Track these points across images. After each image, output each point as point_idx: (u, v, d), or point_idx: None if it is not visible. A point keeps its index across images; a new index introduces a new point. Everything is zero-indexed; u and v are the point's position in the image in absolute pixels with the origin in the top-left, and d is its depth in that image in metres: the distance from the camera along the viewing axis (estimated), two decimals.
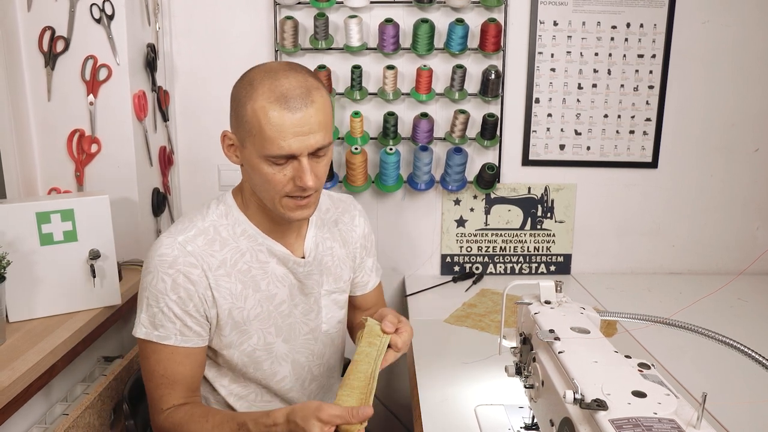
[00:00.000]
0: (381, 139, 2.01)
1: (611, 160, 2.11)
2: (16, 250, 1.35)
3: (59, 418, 1.37)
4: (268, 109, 1.03)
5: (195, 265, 1.11)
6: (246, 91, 1.06)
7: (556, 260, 2.19)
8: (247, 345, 1.18)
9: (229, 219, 1.18)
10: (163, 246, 1.11)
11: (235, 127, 1.10)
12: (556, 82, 2.04)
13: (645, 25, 2.00)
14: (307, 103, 1.04)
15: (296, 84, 1.05)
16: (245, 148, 1.09)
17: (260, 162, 1.07)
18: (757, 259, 2.19)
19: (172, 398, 1.13)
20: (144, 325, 1.11)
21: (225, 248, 1.15)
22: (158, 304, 1.10)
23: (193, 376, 1.15)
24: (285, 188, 1.08)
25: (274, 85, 1.04)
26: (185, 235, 1.13)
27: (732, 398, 1.30)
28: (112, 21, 1.66)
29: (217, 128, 2.02)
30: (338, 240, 1.32)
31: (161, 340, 1.11)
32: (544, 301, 1.09)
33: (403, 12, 1.98)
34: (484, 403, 1.25)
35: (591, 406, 0.75)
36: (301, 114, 1.03)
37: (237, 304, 1.15)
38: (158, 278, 1.10)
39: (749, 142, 2.11)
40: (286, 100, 1.03)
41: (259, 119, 1.03)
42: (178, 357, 1.12)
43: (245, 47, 1.99)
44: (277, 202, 1.10)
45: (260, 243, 1.18)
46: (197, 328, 1.13)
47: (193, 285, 1.11)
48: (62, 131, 1.69)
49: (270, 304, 1.19)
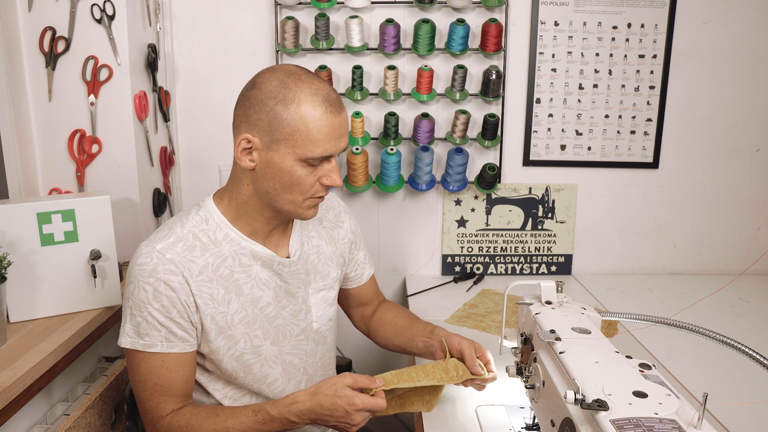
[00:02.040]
0: (382, 139, 2.01)
1: (612, 160, 2.11)
2: (17, 251, 1.35)
3: (60, 418, 1.37)
4: (317, 113, 1.06)
5: (175, 272, 1.10)
6: (282, 95, 1.06)
7: (557, 260, 2.18)
8: (234, 350, 1.18)
9: (209, 224, 1.17)
10: (142, 255, 1.11)
11: (263, 129, 1.08)
12: (557, 82, 2.04)
13: (646, 25, 2.00)
14: (342, 107, 1.11)
15: (328, 88, 1.10)
16: (274, 151, 1.08)
17: (294, 164, 1.08)
18: (758, 259, 2.18)
19: (169, 404, 1.13)
20: (129, 335, 1.11)
21: (206, 253, 1.14)
22: (141, 313, 1.10)
23: (186, 382, 1.14)
24: (312, 189, 1.12)
25: (312, 88, 1.07)
26: (164, 242, 1.12)
27: (733, 399, 1.30)
28: (112, 21, 1.66)
29: (217, 128, 2.04)
30: (324, 237, 1.33)
31: (147, 348, 1.10)
32: (545, 302, 1.09)
33: (404, 12, 1.98)
34: (485, 403, 1.25)
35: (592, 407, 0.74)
36: (341, 117, 1.10)
37: (220, 309, 1.15)
38: (139, 288, 1.09)
39: (750, 143, 2.11)
40: (331, 103, 1.08)
41: (306, 121, 1.06)
42: (169, 364, 1.12)
43: (246, 47, 2.00)
44: (299, 204, 1.13)
45: (243, 247, 1.17)
46: (182, 333, 1.12)
47: (174, 292, 1.10)
48: (63, 131, 1.69)
49: (254, 307, 1.19)
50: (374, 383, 1.08)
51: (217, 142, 2.05)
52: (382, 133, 2.01)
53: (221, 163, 2.06)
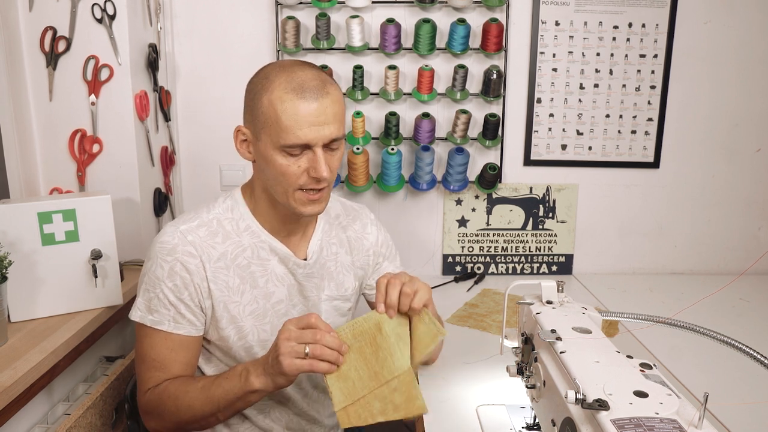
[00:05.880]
0: (383, 139, 2.01)
1: (613, 160, 2.11)
2: (17, 250, 1.35)
3: (61, 418, 1.37)
4: (285, 99, 1.04)
5: (193, 254, 1.12)
6: (261, 84, 1.08)
7: (557, 260, 2.18)
8: (244, 341, 1.18)
9: (234, 213, 1.19)
10: (165, 234, 1.14)
11: (250, 121, 1.11)
12: (557, 81, 2.04)
13: (647, 25, 2.00)
14: (323, 94, 1.06)
15: (312, 76, 1.07)
16: (260, 141, 1.09)
17: (275, 154, 1.07)
18: (759, 259, 2.18)
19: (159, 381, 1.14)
20: (140, 309, 1.13)
21: (227, 241, 1.16)
22: (154, 290, 1.12)
23: (184, 364, 1.15)
24: (299, 180, 1.09)
25: (290, 77, 1.06)
26: (188, 224, 1.15)
27: (734, 398, 1.30)
28: (113, 21, 1.66)
29: (218, 128, 2.04)
30: (345, 246, 1.32)
31: (154, 324, 1.12)
32: (546, 301, 1.09)
33: (404, 12, 1.98)
34: (486, 403, 1.25)
35: (593, 406, 0.74)
36: (317, 104, 1.05)
37: (233, 298, 1.16)
38: (156, 264, 1.12)
39: (751, 143, 2.11)
40: (303, 90, 1.05)
41: (275, 109, 1.05)
42: (171, 344, 1.13)
43: (247, 47, 2.00)
44: (290, 195, 1.11)
45: (263, 240, 1.18)
46: (190, 316, 1.13)
47: (189, 274, 1.12)
48: (64, 131, 1.69)
49: (267, 301, 1.19)
50: None
51: (218, 142, 2.05)
52: (383, 133, 2.01)
53: (222, 162, 2.06)
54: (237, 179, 2.06)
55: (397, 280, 1.05)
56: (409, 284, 1.04)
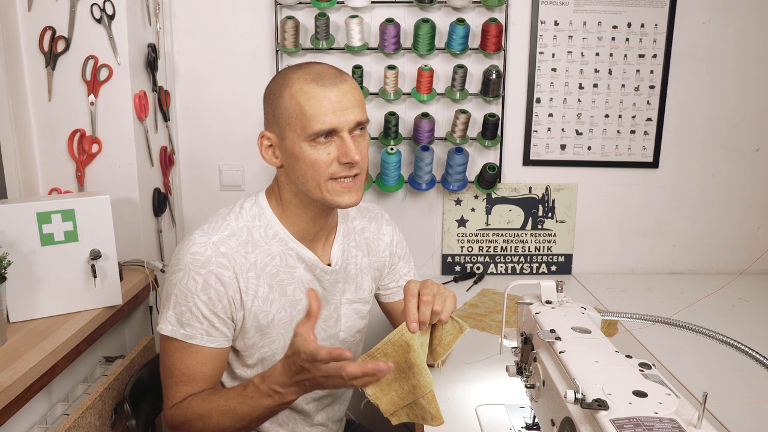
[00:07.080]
0: (382, 139, 2.01)
1: (612, 160, 2.11)
2: (16, 251, 1.35)
3: (60, 419, 1.37)
4: (306, 89, 1.06)
5: (227, 266, 1.10)
6: (280, 83, 1.10)
7: (557, 260, 2.18)
8: (268, 349, 1.18)
9: (261, 221, 1.17)
10: (197, 245, 1.10)
11: (273, 123, 1.12)
12: (557, 81, 2.04)
13: (646, 25, 2.00)
14: (341, 80, 1.08)
15: (327, 67, 1.10)
16: (286, 140, 1.10)
17: (303, 146, 1.08)
18: (758, 258, 2.18)
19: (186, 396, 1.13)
20: (170, 323, 1.10)
21: (256, 250, 1.15)
22: (187, 303, 1.09)
23: (213, 376, 1.14)
24: (330, 168, 1.08)
25: (307, 69, 1.09)
26: (219, 235, 1.12)
27: (733, 398, 1.30)
28: (112, 21, 1.66)
29: (217, 128, 2.04)
30: (363, 249, 1.32)
31: (187, 339, 1.10)
32: (545, 301, 1.09)
33: (404, 12, 1.98)
34: (485, 402, 1.25)
35: (592, 406, 0.74)
36: (338, 89, 1.07)
37: (263, 307, 1.15)
38: (189, 277, 1.09)
39: (750, 142, 2.11)
40: (322, 78, 1.07)
41: (298, 101, 1.06)
42: (202, 357, 1.11)
43: (246, 47, 2.00)
44: (323, 187, 1.10)
45: (290, 247, 1.18)
46: (224, 329, 1.12)
47: (223, 287, 1.10)
48: (63, 131, 1.69)
49: (294, 309, 1.19)
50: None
51: (218, 142, 2.05)
52: (383, 133, 2.01)
53: (221, 162, 2.06)
54: (236, 179, 2.06)
55: (427, 297, 1.03)
56: (439, 301, 1.04)
